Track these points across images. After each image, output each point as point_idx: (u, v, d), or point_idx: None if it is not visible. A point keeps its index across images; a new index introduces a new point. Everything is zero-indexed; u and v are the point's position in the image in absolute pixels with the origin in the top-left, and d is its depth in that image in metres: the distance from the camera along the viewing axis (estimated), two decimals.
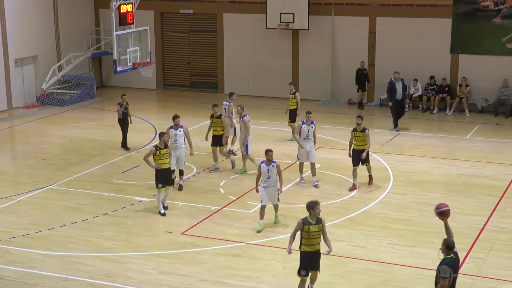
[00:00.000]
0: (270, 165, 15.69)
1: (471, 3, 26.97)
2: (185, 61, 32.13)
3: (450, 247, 10.32)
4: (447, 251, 10.32)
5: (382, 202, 17.54)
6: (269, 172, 15.66)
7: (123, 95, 22.53)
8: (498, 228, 15.92)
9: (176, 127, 18.07)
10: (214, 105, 20.08)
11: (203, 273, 13.65)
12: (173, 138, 17.93)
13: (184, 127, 18.25)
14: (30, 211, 17.13)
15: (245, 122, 19.42)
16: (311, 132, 18.56)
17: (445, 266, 10.15)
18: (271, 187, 15.74)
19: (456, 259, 10.34)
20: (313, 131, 18.62)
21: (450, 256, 10.29)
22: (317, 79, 29.46)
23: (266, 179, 15.69)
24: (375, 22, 28.54)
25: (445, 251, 10.34)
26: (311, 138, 18.63)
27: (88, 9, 32.23)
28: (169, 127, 18.18)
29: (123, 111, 22.22)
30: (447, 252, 10.31)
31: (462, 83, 27.20)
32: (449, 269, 10.13)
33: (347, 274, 13.64)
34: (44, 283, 13.30)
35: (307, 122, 18.58)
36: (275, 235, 15.44)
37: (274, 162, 15.71)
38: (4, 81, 27.90)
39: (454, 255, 10.32)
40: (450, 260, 10.26)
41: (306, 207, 12.21)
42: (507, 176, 19.47)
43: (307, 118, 18.62)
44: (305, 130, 18.54)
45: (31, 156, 21.86)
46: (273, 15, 29.03)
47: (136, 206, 17.38)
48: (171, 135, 17.95)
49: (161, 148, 16.48)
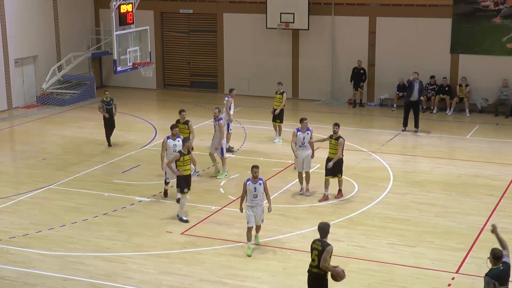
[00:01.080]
0: (257, 182, 14.40)
1: (471, 3, 26.97)
2: (185, 61, 32.13)
3: (497, 256, 10.05)
4: (494, 261, 10.08)
5: (382, 202, 17.53)
6: (255, 190, 14.36)
7: (106, 92, 22.74)
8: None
9: (174, 137, 17.37)
10: (181, 110, 19.10)
11: (203, 273, 13.65)
12: (171, 149, 17.21)
13: (182, 137, 17.34)
14: (30, 211, 17.12)
15: (221, 125, 19.06)
16: (307, 139, 17.74)
17: (488, 277, 9.93)
18: (257, 206, 14.50)
19: (504, 269, 10.02)
20: (309, 138, 17.78)
21: (497, 267, 10.02)
22: (317, 79, 29.45)
23: (253, 198, 14.40)
24: (375, 22, 28.53)
25: (492, 261, 10.10)
26: (307, 146, 17.75)
27: (88, 9, 32.23)
28: (166, 137, 17.44)
29: (106, 108, 22.28)
30: (495, 262, 10.06)
31: (462, 83, 27.20)
32: (492, 281, 9.89)
33: (347, 274, 13.56)
34: (44, 283, 13.30)
35: (302, 129, 17.67)
36: (275, 235, 15.43)
37: (260, 180, 14.46)
38: (4, 81, 27.89)
39: (503, 265, 10.03)
40: (497, 270, 9.99)
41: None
42: (507, 176, 19.47)
43: (303, 125, 17.66)
44: (300, 138, 17.69)
45: (31, 156, 21.86)
46: (273, 15, 29.03)
47: (136, 206, 17.37)
48: (170, 146, 17.24)
49: (185, 154, 16.05)
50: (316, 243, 11.22)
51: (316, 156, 21.74)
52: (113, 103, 22.50)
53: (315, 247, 11.18)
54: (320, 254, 11.05)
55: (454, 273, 13.61)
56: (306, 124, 17.69)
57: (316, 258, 11.13)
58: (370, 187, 18.45)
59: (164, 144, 17.31)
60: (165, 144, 17.30)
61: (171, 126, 17.53)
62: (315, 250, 11.17)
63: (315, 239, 11.32)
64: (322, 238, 11.21)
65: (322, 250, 11.03)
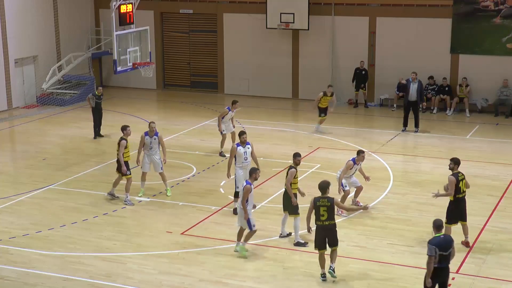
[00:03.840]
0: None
1: (471, 3, 26.97)
2: (185, 61, 32.13)
3: (437, 225, 11.33)
4: (435, 230, 11.32)
5: (382, 202, 17.54)
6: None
7: (100, 87, 23.91)
8: (498, 228, 15.92)
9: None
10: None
11: (203, 273, 13.66)
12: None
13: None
14: (30, 211, 17.13)
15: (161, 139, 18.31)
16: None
17: (430, 244, 11.14)
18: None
19: (445, 238, 11.26)
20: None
21: (438, 235, 11.25)
22: (317, 79, 29.44)
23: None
24: (375, 22, 28.54)
25: (434, 230, 11.35)
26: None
27: (88, 9, 32.22)
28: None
29: (96, 101, 23.21)
30: (436, 231, 11.31)
31: (462, 83, 27.20)
32: (433, 247, 11.07)
33: (347, 274, 13.64)
34: (44, 283, 13.30)
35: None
36: (275, 235, 15.43)
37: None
38: (4, 81, 27.90)
39: (444, 235, 11.31)
40: (438, 238, 11.21)
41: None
42: (507, 176, 19.47)
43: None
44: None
45: (31, 156, 21.86)
46: (273, 15, 29.02)
47: (136, 206, 17.38)
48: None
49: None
50: (321, 201, 13.06)
51: (316, 155, 21.80)
52: (102, 98, 23.73)
53: (322, 203, 13.03)
54: (330, 208, 12.99)
55: (454, 273, 13.59)
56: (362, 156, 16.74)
57: (326, 213, 13.03)
58: (370, 187, 18.43)
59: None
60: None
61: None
62: (323, 207, 13.04)
63: (318, 197, 13.12)
64: (323, 195, 13.11)
65: (332, 204, 13.03)
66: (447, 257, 11.26)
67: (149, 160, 17.82)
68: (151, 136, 17.75)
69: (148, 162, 17.83)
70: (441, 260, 11.23)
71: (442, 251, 11.17)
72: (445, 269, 11.38)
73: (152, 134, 17.76)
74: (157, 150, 17.90)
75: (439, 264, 11.25)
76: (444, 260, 11.24)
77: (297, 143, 23.26)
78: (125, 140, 17.39)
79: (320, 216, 13.09)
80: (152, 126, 17.80)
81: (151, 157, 17.81)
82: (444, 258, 11.23)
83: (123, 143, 17.29)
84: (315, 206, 13.13)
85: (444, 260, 11.24)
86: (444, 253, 11.19)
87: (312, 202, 13.24)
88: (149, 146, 17.74)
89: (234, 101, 21.49)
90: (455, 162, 14.75)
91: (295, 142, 23.53)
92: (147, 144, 17.74)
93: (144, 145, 17.75)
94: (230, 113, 21.14)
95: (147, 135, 17.77)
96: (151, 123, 17.95)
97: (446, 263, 11.31)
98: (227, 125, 21.19)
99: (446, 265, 11.35)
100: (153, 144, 17.76)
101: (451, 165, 14.73)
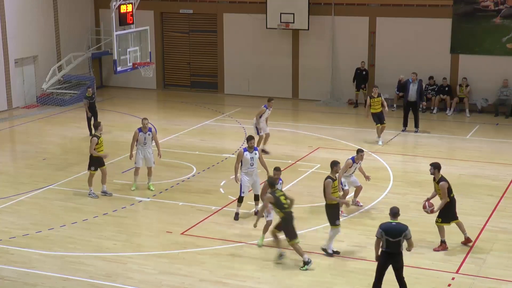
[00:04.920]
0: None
1: (471, 3, 26.97)
2: (185, 61, 32.13)
3: (393, 212, 11.97)
4: (391, 216, 11.98)
5: (382, 202, 17.53)
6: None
7: (89, 88, 23.99)
8: (498, 228, 15.92)
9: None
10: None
11: (203, 273, 13.66)
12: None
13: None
14: (30, 211, 17.13)
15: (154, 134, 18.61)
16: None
17: (379, 228, 11.86)
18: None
19: (396, 226, 11.83)
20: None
21: (391, 221, 11.89)
22: (317, 79, 29.45)
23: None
24: (375, 22, 28.54)
25: (390, 216, 12.02)
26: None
27: (88, 9, 32.22)
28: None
29: (89, 102, 23.41)
30: (391, 217, 11.94)
31: (463, 83, 27.20)
32: (380, 230, 11.78)
33: (347, 274, 13.64)
34: (44, 283, 13.30)
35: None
36: None
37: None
38: (4, 81, 27.90)
39: (397, 223, 11.88)
40: (389, 224, 11.86)
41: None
42: (507, 176, 19.47)
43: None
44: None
45: (31, 156, 21.86)
46: (273, 15, 29.02)
47: (136, 206, 17.38)
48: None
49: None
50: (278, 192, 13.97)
51: (316, 156, 21.80)
52: (95, 97, 23.95)
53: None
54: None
55: (454, 273, 13.61)
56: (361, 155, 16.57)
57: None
58: (370, 187, 18.42)
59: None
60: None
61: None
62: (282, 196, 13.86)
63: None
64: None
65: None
66: (395, 244, 11.76)
67: (143, 155, 18.17)
68: (145, 132, 18.12)
69: (142, 157, 18.18)
70: (388, 245, 11.79)
71: (388, 236, 11.72)
72: (395, 254, 11.89)
73: (145, 130, 18.13)
74: (150, 145, 18.26)
75: (386, 249, 11.85)
76: (392, 246, 11.77)
77: (297, 143, 23.27)
78: (96, 137, 17.84)
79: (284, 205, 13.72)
80: (144, 122, 18.17)
81: (144, 152, 18.17)
82: (391, 244, 11.76)
83: (94, 140, 17.79)
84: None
85: (391, 246, 11.78)
86: (390, 239, 11.72)
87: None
88: (143, 142, 18.12)
89: (270, 98, 21.28)
90: (435, 167, 14.71)
91: (295, 142, 23.53)
92: (141, 140, 18.09)
93: (138, 141, 18.12)
94: (267, 111, 21.07)
95: (140, 131, 18.12)
96: (143, 119, 18.30)
97: (394, 249, 11.82)
98: (262, 125, 21.10)
99: (396, 251, 11.85)
100: (147, 140, 18.16)
101: (432, 170, 14.74)
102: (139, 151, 18.14)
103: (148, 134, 18.12)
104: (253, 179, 16.29)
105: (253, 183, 16.35)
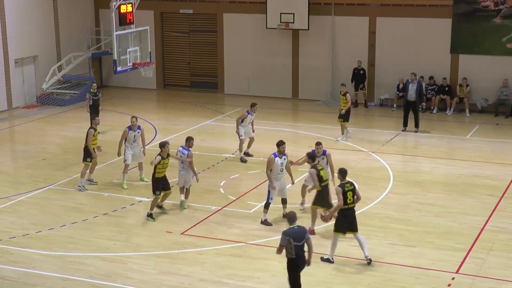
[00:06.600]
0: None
1: (471, 3, 26.97)
2: (185, 61, 32.13)
3: (290, 218, 11.88)
4: (289, 222, 11.90)
5: (382, 202, 17.53)
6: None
7: (94, 84, 24.20)
8: (498, 228, 15.92)
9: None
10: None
11: (203, 273, 13.66)
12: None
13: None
14: (30, 211, 17.13)
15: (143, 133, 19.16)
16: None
17: (284, 234, 11.69)
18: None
19: (298, 229, 11.79)
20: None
21: (293, 226, 11.82)
22: (317, 79, 29.45)
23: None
24: (375, 22, 28.53)
25: (288, 222, 11.93)
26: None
27: (88, 9, 32.23)
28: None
29: (93, 98, 23.52)
30: (290, 223, 11.86)
31: (463, 83, 27.19)
32: (287, 237, 11.66)
33: (347, 274, 13.64)
34: (44, 283, 13.30)
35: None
36: (275, 235, 15.41)
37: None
38: (4, 81, 27.90)
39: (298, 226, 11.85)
40: (292, 229, 11.78)
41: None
42: (507, 176, 19.46)
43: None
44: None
45: (31, 156, 21.86)
46: (273, 15, 29.02)
47: (136, 206, 17.38)
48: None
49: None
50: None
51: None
52: (99, 95, 23.79)
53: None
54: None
55: (454, 273, 13.61)
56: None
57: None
58: (370, 187, 18.44)
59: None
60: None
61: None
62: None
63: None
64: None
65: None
66: (302, 247, 11.81)
67: (132, 152, 18.60)
68: (134, 130, 18.53)
69: (131, 153, 18.60)
70: (297, 251, 11.76)
71: (296, 242, 11.70)
72: (303, 257, 11.93)
73: (135, 129, 18.53)
74: (139, 143, 18.78)
75: (297, 255, 11.76)
76: (300, 250, 11.79)
77: (297, 143, 23.24)
78: (93, 129, 18.46)
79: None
80: (133, 120, 18.58)
81: (133, 149, 18.63)
82: (299, 248, 11.76)
83: (91, 132, 18.34)
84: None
85: (300, 250, 11.80)
86: (298, 243, 11.72)
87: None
88: (132, 140, 18.57)
89: (253, 103, 20.98)
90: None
91: (295, 142, 23.50)
92: (130, 138, 18.53)
93: (127, 139, 18.53)
94: (249, 117, 20.77)
95: (130, 129, 18.49)
96: (132, 117, 18.69)
97: (302, 252, 11.88)
98: (246, 129, 20.86)
99: (302, 254, 11.90)
100: (136, 138, 18.63)
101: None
102: (129, 148, 18.58)
103: (137, 132, 18.58)
104: (282, 184, 16.01)
105: (282, 188, 16.09)
